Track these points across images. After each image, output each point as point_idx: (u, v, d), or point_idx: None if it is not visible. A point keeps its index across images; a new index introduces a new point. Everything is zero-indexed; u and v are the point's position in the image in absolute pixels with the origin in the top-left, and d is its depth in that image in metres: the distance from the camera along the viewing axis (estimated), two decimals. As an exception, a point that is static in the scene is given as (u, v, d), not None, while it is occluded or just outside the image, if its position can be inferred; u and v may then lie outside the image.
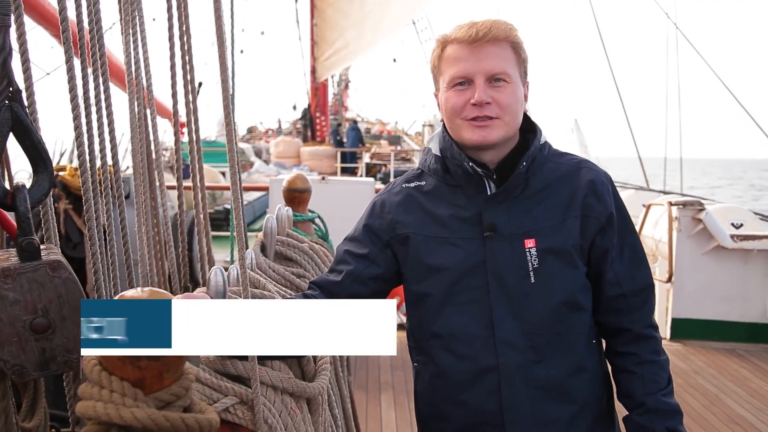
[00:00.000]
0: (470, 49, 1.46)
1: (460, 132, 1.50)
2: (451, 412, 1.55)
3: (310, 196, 2.46)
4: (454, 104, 1.49)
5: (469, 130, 1.48)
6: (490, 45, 1.46)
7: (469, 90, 1.47)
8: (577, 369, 1.50)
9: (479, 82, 1.45)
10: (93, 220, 1.38)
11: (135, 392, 0.78)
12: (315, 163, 20.04)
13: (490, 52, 1.46)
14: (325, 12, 19.62)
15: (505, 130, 1.48)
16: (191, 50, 2.15)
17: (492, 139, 1.47)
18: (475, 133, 1.47)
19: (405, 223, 1.57)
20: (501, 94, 1.46)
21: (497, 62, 1.46)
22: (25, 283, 1.11)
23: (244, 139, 30.49)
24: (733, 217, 6.30)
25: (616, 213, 1.53)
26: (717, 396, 4.55)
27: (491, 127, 1.46)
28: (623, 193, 9.72)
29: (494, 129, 1.47)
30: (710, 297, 5.80)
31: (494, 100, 1.45)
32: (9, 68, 1.17)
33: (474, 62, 1.46)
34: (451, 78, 1.49)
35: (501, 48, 1.47)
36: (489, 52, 1.46)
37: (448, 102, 1.50)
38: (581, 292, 1.51)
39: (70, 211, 3.53)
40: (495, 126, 1.47)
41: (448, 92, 1.50)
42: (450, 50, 1.50)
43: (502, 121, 1.47)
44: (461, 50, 1.48)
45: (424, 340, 1.57)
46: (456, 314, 1.50)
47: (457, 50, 1.48)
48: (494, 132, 1.47)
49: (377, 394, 4.51)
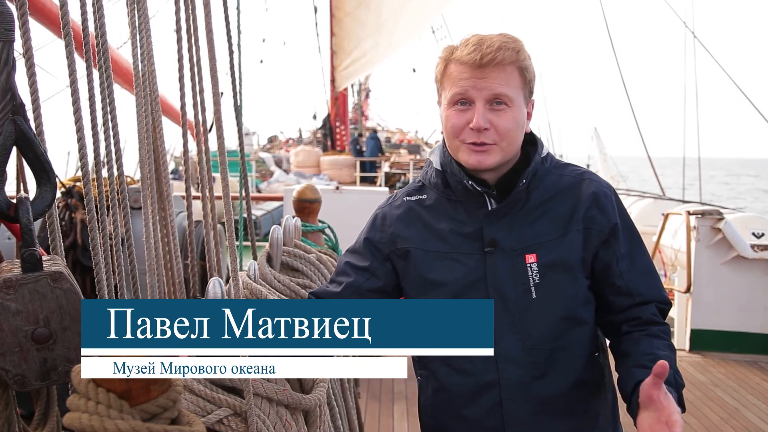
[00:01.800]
0: (473, 71, 1.44)
1: (458, 153, 1.50)
2: (453, 427, 1.55)
3: (320, 207, 2.47)
4: (454, 125, 1.48)
5: (465, 153, 1.47)
6: (493, 69, 1.43)
7: (469, 111, 1.45)
8: (578, 383, 1.49)
9: (479, 105, 1.44)
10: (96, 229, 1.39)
11: (121, 404, 0.79)
12: (334, 172, 20.13)
13: (494, 76, 1.43)
14: (343, 21, 19.76)
15: (502, 156, 1.47)
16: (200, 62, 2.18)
17: (488, 164, 1.47)
18: (471, 157, 1.46)
19: (406, 237, 1.57)
20: (501, 119, 1.44)
21: (499, 86, 1.43)
22: (26, 294, 1.13)
23: (265, 148, 30.73)
24: (753, 226, 6.22)
25: (621, 224, 1.51)
26: (736, 409, 4.47)
27: (488, 153, 1.45)
28: (642, 203, 9.62)
29: (491, 155, 1.46)
30: (730, 308, 5.71)
31: (493, 125, 1.44)
32: (12, 82, 1.20)
33: (475, 83, 1.44)
34: (452, 96, 1.47)
35: (505, 72, 1.44)
36: (492, 77, 1.43)
37: (448, 121, 1.49)
38: (583, 307, 1.50)
39: (87, 220, 3.58)
40: (492, 152, 1.46)
41: (449, 110, 1.49)
42: (453, 68, 1.48)
43: (499, 147, 1.46)
44: (464, 71, 1.45)
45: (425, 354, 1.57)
46: None
47: (461, 70, 1.46)
48: (491, 158, 1.46)
49: (390, 405, 4.50)
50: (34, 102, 1.30)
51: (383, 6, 18.13)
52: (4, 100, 1.17)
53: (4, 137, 1.18)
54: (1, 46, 1.16)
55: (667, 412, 1.22)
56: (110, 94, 1.43)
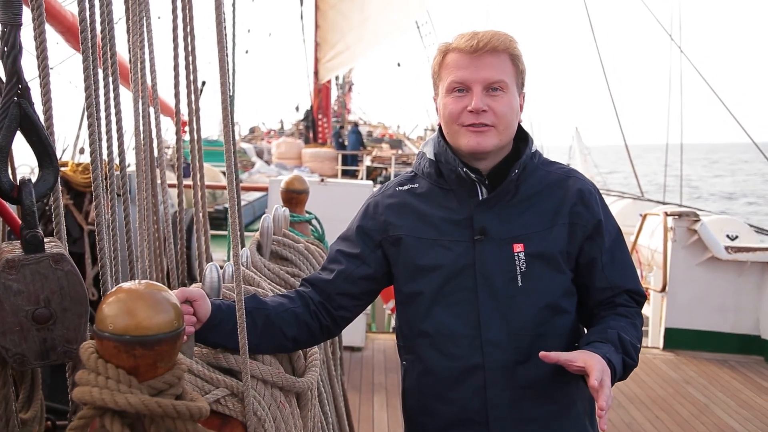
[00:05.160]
0: (470, 58, 1.51)
1: (457, 137, 1.55)
2: (437, 409, 1.60)
3: (307, 198, 2.49)
4: (452, 110, 1.53)
5: (465, 136, 1.52)
6: (489, 55, 1.51)
7: (466, 97, 1.52)
8: (559, 370, 1.55)
9: (477, 90, 1.50)
10: (102, 215, 1.40)
11: (130, 379, 0.82)
12: (316, 164, 20.09)
13: (489, 62, 1.51)
14: (328, 14, 19.72)
15: (499, 138, 1.53)
16: (195, 50, 2.20)
17: (486, 145, 1.52)
18: (470, 139, 1.52)
19: (397, 225, 1.62)
20: (497, 102, 1.51)
21: (495, 72, 1.51)
22: (28, 275, 1.15)
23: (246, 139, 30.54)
24: (728, 228, 6.35)
25: (604, 220, 1.58)
26: (707, 405, 4.60)
27: (486, 134, 1.51)
28: (621, 203, 9.76)
29: (489, 136, 1.51)
30: (703, 307, 5.84)
31: (490, 108, 1.50)
32: (19, 66, 1.22)
33: (473, 71, 1.51)
34: (449, 84, 1.54)
35: (500, 59, 1.52)
36: (488, 62, 1.51)
37: (446, 108, 1.55)
38: (565, 297, 1.56)
39: (70, 206, 3.57)
40: (490, 133, 1.51)
41: (447, 98, 1.55)
42: (450, 58, 1.55)
43: (496, 130, 1.52)
44: (461, 59, 1.52)
45: (412, 338, 1.62)
46: (444, 314, 1.55)
47: (458, 59, 1.53)
48: (489, 139, 1.51)
49: (370, 396, 4.55)
50: (44, 87, 1.30)
51: (367, 1, 18.13)
52: (10, 83, 1.19)
53: (9, 120, 1.19)
54: (8, 30, 1.18)
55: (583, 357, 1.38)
56: (116, 88, 1.45)
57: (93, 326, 0.87)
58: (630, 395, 4.73)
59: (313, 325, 1.56)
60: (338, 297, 1.61)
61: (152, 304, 0.82)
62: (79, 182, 3.60)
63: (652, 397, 4.74)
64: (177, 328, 0.84)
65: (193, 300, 1.30)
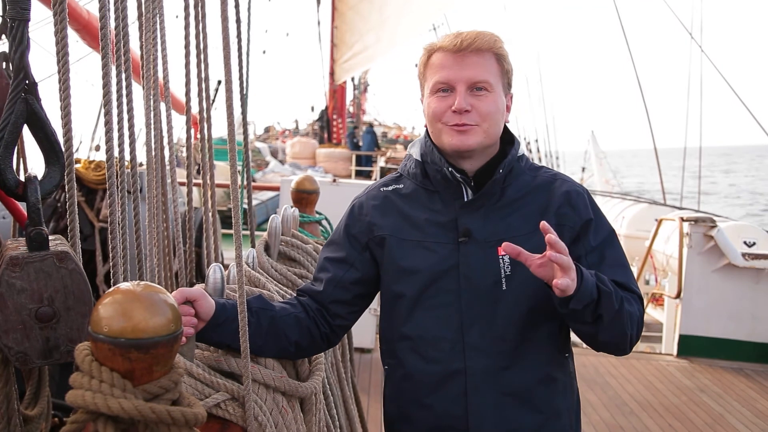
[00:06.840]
0: (454, 57, 1.50)
1: (441, 136, 1.53)
2: (416, 415, 1.57)
3: (317, 198, 2.48)
4: (435, 109, 1.52)
5: (448, 135, 1.50)
6: (473, 55, 1.49)
7: (450, 97, 1.50)
8: (545, 378, 1.51)
9: (460, 89, 1.49)
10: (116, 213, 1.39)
11: (124, 383, 0.80)
12: (330, 165, 20.07)
13: (473, 61, 1.49)
14: (346, 15, 19.71)
15: (483, 137, 1.50)
16: (207, 49, 2.19)
17: (470, 143, 1.49)
18: (454, 138, 1.50)
19: (381, 225, 1.60)
20: (481, 102, 1.49)
21: (479, 71, 1.49)
22: (32, 273, 1.14)
23: (261, 138, 30.59)
24: (745, 235, 6.26)
25: (594, 221, 1.54)
26: (721, 415, 4.53)
27: (470, 133, 1.49)
28: (636, 207, 9.67)
29: (473, 135, 1.49)
30: (719, 315, 5.76)
31: (474, 107, 1.48)
32: (26, 61, 1.21)
33: (457, 70, 1.49)
34: (434, 84, 1.52)
35: (484, 58, 1.50)
36: (472, 62, 1.49)
37: (430, 107, 1.53)
38: (551, 301, 1.48)
39: (82, 203, 3.58)
40: (474, 132, 1.49)
41: (431, 98, 1.54)
42: (435, 58, 1.54)
43: (480, 129, 1.49)
44: (446, 59, 1.51)
45: (393, 341, 1.59)
46: (426, 317, 1.52)
47: (442, 58, 1.52)
48: (472, 138, 1.49)
49: (379, 398, 4.52)
50: (63, 83, 1.28)
51: (387, 2, 18.12)
52: (17, 78, 1.18)
53: (15, 116, 1.19)
54: (16, 25, 1.17)
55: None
56: (128, 85, 1.44)
57: (89, 327, 0.86)
58: (643, 402, 4.67)
59: (315, 331, 1.54)
60: (332, 306, 1.59)
61: (149, 306, 0.80)
62: (91, 179, 3.62)
63: (665, 404, 4.68)
64: (174, 331, 0.82)
65: (194, 299, 1.29)
